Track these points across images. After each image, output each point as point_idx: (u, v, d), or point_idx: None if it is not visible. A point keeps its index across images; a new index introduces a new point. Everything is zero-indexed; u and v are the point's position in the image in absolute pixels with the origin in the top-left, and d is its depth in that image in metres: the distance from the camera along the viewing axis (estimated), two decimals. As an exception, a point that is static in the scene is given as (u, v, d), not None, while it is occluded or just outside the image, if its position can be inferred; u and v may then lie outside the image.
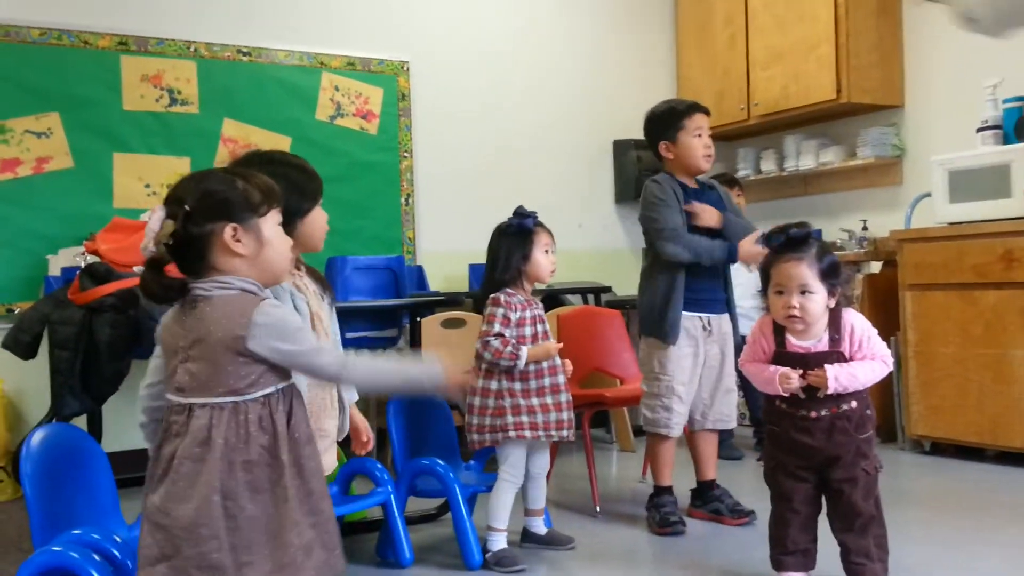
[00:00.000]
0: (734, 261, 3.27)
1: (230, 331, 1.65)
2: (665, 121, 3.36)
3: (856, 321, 2.38)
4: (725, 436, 4.47)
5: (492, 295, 2.96)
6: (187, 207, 1.67)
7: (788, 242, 2.36)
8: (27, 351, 3.39)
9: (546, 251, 3.00)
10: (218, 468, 1.62)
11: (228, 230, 1.69)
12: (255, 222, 1.73)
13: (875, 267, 4.76)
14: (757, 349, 2.46)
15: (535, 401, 2.91)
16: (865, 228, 5.09)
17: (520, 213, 3.01)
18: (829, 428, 2.34)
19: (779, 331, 2.41)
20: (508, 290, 2.96)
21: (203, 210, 1.69)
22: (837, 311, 2.37)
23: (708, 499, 3.41)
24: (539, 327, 2.98)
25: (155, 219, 1.67)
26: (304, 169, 2.26)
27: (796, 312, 2.31)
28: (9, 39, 4.20)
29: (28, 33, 4.23)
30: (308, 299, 2.25)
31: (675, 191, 3.29)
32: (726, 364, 3.38)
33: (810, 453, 2.37)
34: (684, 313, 3.26)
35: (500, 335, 2.88)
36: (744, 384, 4.68)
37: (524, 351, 2.88)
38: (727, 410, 3.42)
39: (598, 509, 3.56)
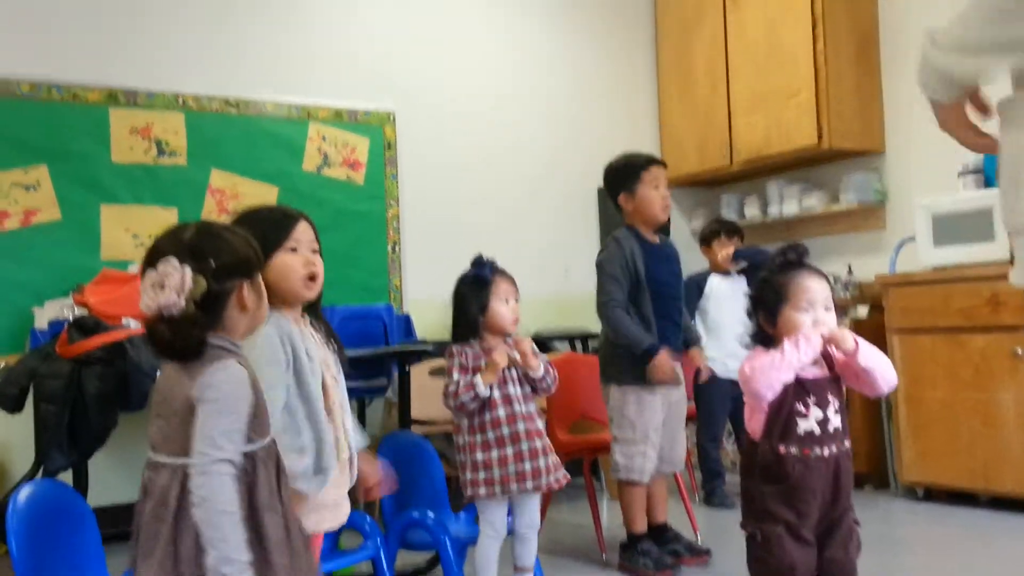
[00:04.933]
0: (646, 362, 3.28)
1: (186, 391, 1.64)
2: (624, 173, 3.46)
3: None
4: (718, 484, 4.46)
5: (447, 348, 2.94)
6: (213, 263, 1.67)
7: (801, 261, 2.22)
8: (14, 405, 3.35)
9: (506, 300, 2.91)
10: (171, 531, 1.59)
11: (245, 287, 1.71)
12: (259, 278, 1.76)
13: (862, 312, 4.79)
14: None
15: (493, 454, 2.82)
16: (851, 273, 5.13)
17: (476, 262, 2.95)
18: (836, 470, 2.15)
19: None
20: (465, 344, 2.91)
21: (229, 267, 1.69)
22: None
23: (665, 540, 3.44)
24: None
25: (174, 277, 1.63)
26: (269, 218, 2.18)
27: (825, 331, 2.14)
28: (2, 94, 4.21)
29: (18, 87, 4.25)
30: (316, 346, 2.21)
31: (633, 251, 3.37)
32: (683, 408, 3.52)
33: (819, 503, 2.15)
34: None
35: (456, 382, 2.84)
36: (736, 430, 4.69)
37: (477, 378, 2.81)
38: (682, 452, 3.52)
39: (604, 556, 3.53)
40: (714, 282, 4.59)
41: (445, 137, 5.34)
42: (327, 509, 2.11)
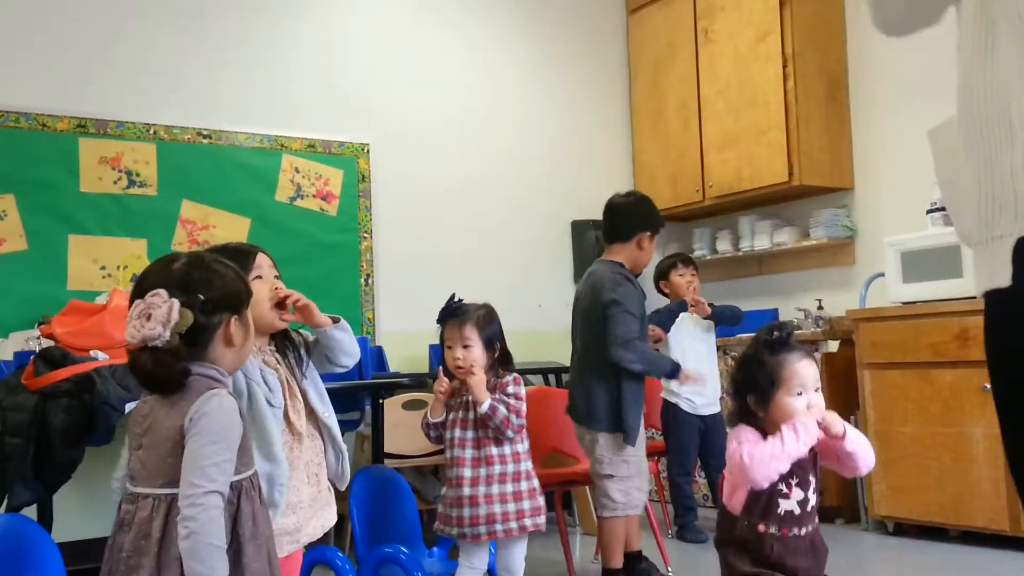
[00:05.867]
0: (674, 378, 3.66)
1: (174, 423, 1.63)
2: (655, 218, 3.65)
3: None
4: (690, 519, 4.46)
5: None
6: (202, 297, 1.66)
7: (789, 342, 2.19)
8: (-25, 439, 3.26)
9: (448, 346, 2.89)
10: (154, 564, 1.58)
11: (233, 321, 1.71)
12: (246, 313, 1.76)
13: (832, 346, 4.83)
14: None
15: (447, 495, 2.86)
16: (820, 307, 5.17)
17: (446, 303, 2.93)
18: (812, 546, 2.15)
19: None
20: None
21: (217, 301, 1.69)
22: None
23: (638, 571, 3.50)
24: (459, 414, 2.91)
25: (161, 309, 1.62)
26: (226, 251, 2.14)
27: (817, 415, 2.11)
28: (-35, 120, 4.17)
29: (-15, 115, 4.20)
30: (279, 372, 2.23)
31: (636, 288, 3.52)
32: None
33: None
34: None
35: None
36: (706, 465, 4.69)
37: (428, 407, 2.92)
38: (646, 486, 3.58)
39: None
40: (683, 318, 4.59)
41: (419, 170, 5.35)
42: (285, 535, 2.12)
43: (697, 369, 3.95)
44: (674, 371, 3.62)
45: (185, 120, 4.68)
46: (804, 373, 2.14)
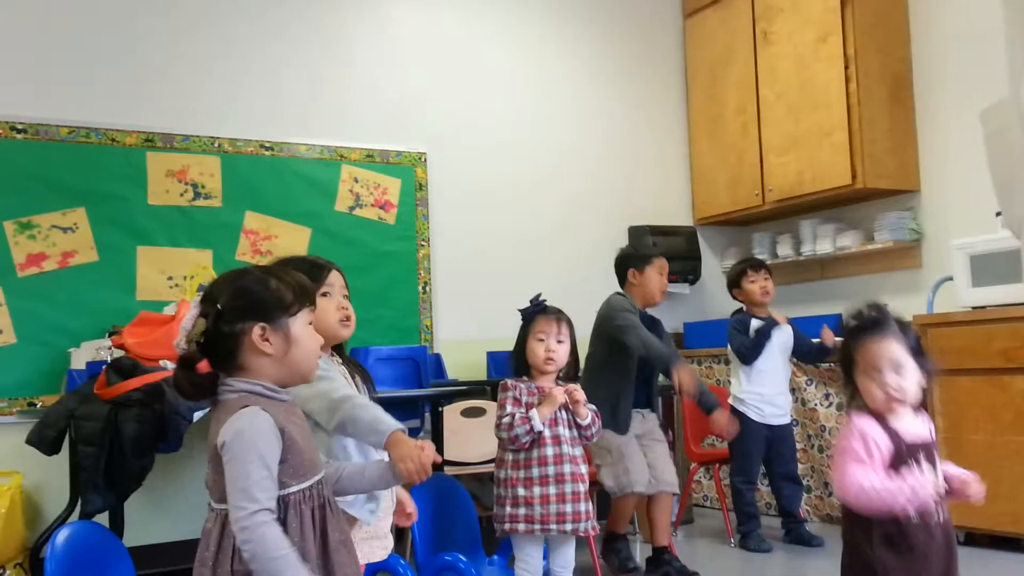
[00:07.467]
0: (667, 372, 3.83)
1: (213, 437, 1.64)
2: (636, 255, 4.12)
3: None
4: (753, 528, 4.38)
5: (502, 382, 2.99)
6: (219, 306, 1.68)
7: (870, 323, 2.13)
8: (52, 447, 3.37)
9: (540, 339, 2.94)
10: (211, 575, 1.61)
11: (257, 330, 1.68)
12: (285, 321, 1.71)
13: None
14: (866, 451, 2.03)
15: (535, 491, 2.85)
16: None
17: (531, 300, 3.04)
18: (948, 538, 2.05)
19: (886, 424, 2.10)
20: (519, 379, 2.98)
21: (234, 309, 1.68)
22: (924, 397, 2.13)
23: (659, 563, 3.79)
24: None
25: (188, 317, 1.67)
26: (301, 267, 2.13)
27: (895, 392, 2.04)
28: (39, 137, 4.29)
29: (57, 131, 4.33)
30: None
31: (634, 307, 3.96)
32: (655, 429, 4.00)
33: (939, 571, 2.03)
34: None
35: (511, 414, 2.88)
36: (770, 474, 4.61)
37: (533, 412, 2.86)
38: (668, 471, 3.87)
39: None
40: (755, 327, 4.51)
41: (475, 177, 5.38)
42: (378, 539, 2.13)
43: (773, 383, 4.41)
44: (671, 362, 3.77)
45: (248, 133, 4.77)
46: (875, 353, 2.06)
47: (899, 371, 2.06)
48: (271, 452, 1.62)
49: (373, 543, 2.10)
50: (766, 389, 4.45)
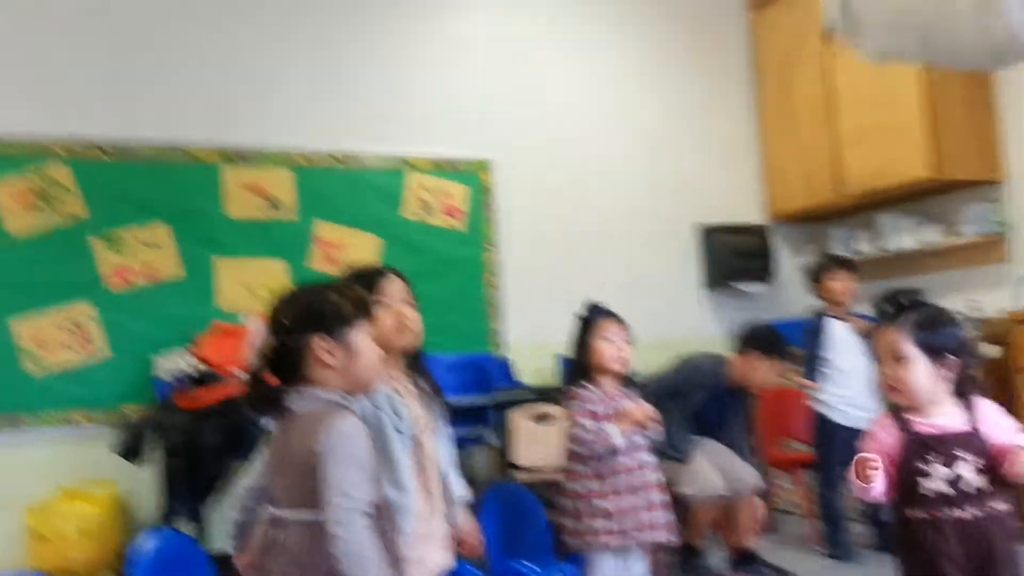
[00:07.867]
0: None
1: (307, 446, 1.67)
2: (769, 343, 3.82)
3: (987, 402, 2.11)
4: (836, 533, 4.21)
5: (569, 390, 2.97)
6: (284, 321, 1.74)
7: (880, 315, 2.19)
8: (136, 456, 3.48)
9: (608, 339, 2.94)
10: None
11: (319, 341, 1.73)
12: (346, 333, 1.76)
13: (993, 351, 4.33)
14: (877, 441, 2.10)
15: (617, 503, 2.82)
16: (977, 309, 4.82)
17: (585, 305, 3.04)
18: (982, 535, 1.99)
19: (899, 414, 2.12)
20: (584, 383, 2.93)
21: (298, 323, 1.75)
22: (964, 390, 2.09)
23: (749, 565, 3.64)
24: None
25: (255, 333, 1.73)
26: (356, 276, 2.18)
27: (892, 383, 2.08)
28: (125, 157, 4.46)
29: (139, 151, 4.49)
30: (409, 403, 2.19)
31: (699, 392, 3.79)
32: (717, 444, 3.76)
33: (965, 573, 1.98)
34: None
35: (593, 431, 2.83)
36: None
37: (612, 428, 2.82)
38: (742, 471, 3.66)
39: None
40: (834, 327, 4.37)
41: (541, 181, 5.37)
42: (410, 563, 2.12)
43: (856, 383, 4.14)
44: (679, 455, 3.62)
45: (320, 145, 4.86)
46: (878, 343, 2.13)
47: (900, 363, 2.07)
48: (365, 457, 1.69)
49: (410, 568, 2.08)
50: (850, 391, 4.29)
